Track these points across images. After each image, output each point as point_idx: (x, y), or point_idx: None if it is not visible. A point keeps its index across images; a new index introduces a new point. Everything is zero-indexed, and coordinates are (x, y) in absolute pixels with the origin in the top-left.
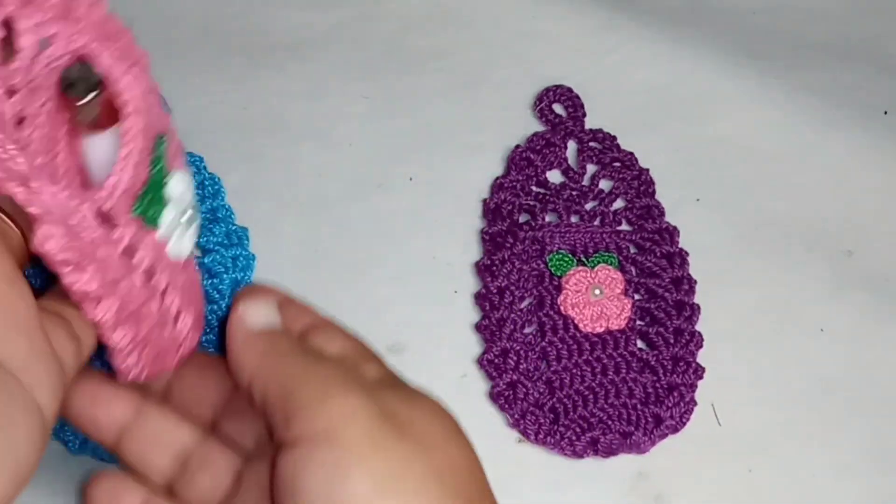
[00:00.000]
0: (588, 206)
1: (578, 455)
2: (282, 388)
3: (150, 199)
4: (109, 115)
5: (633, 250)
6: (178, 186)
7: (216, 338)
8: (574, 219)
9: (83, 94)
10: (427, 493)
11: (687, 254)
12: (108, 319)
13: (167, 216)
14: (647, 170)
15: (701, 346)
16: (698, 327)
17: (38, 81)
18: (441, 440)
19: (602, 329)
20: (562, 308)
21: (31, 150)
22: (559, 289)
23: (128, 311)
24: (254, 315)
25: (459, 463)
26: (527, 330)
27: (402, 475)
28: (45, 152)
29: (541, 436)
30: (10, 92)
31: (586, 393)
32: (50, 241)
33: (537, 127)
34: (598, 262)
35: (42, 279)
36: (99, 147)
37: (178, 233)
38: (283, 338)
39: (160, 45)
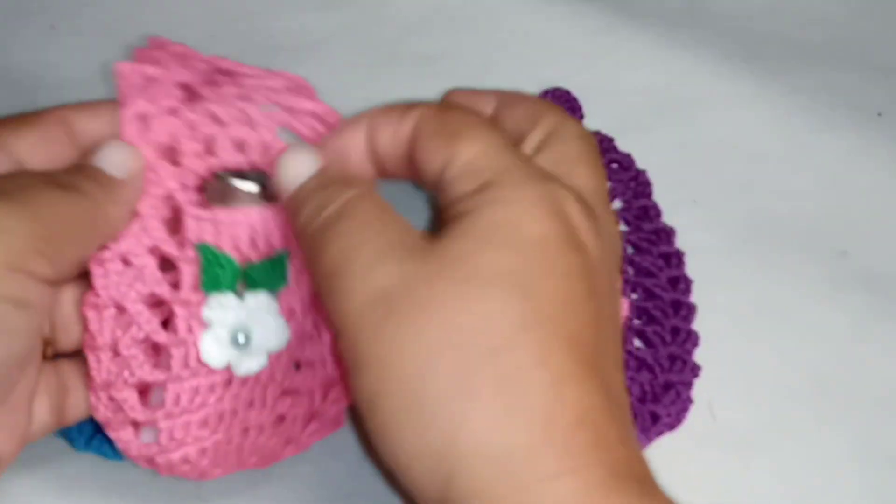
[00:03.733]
0: None
1: None
2: None
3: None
4: None
5: (630, 250)
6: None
7: None
8: None
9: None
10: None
11: (683, 254)
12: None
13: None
14: (645, 171)
15: (697, 345)
16: (694, 326)
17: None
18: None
19: None
20: None
21: None
22: None
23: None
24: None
25: (499, 330)
26: None
27: (423, 375)
28: None
29: None
30: None
31: None
32: None
33: None
34: None
35: None
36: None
37: (210, 337)
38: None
39: None
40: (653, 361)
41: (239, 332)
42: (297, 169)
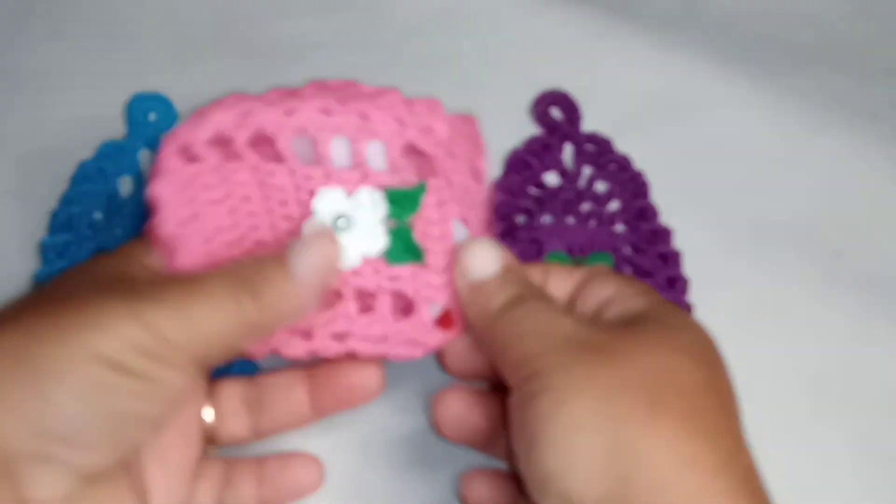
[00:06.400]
0: (584, 207)
1: None
2: (494, 345)
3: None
4: None
5: (628, 251)
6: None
7: None
8: (570, 220)
9: None
10: (638, 408)
11: (681, 254)
12: None
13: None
14: (642, 172)
15: None
16: None
17: None
18: (662, 365)
19: None
20: None
21: None
22: None
23: None
24: (474, 266)
25: (687, 384)
26: None
27: (611, 398)
28: None
29: None
30: None
31: None
32: None
33: (534, 130)
34: (594, 262)
35: None
36: None
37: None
38: (500, 292)
39: (169, 51)
40: None
41: (342, 218)
42: (483, 262)
